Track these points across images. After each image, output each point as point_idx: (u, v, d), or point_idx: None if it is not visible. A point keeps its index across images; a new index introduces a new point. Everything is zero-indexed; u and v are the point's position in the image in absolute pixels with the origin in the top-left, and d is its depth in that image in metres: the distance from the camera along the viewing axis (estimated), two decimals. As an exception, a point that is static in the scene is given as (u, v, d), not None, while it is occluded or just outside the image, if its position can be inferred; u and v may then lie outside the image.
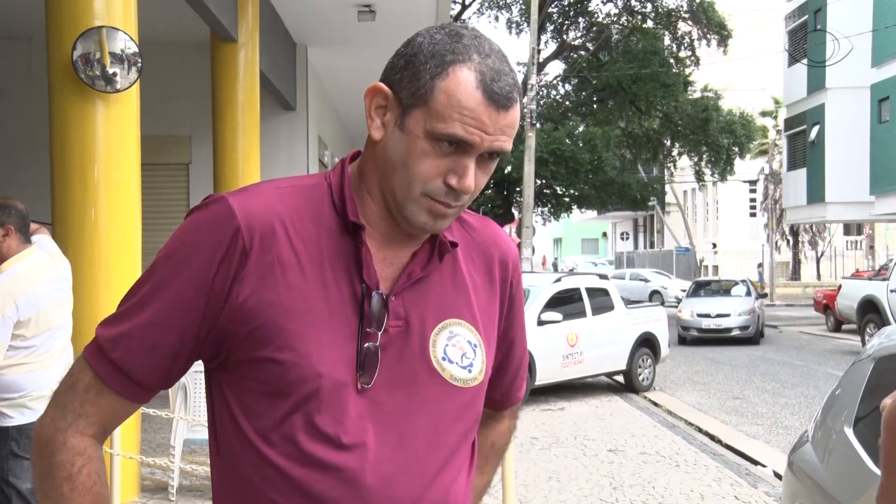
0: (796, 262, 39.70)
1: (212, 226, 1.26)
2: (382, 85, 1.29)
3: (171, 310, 1.26)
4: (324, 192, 1.33)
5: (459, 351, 1.33)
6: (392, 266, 1.32)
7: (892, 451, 0.87)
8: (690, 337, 19.31)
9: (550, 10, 28.27)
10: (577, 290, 11.72)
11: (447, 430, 1.31)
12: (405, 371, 1.29)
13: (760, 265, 35.87)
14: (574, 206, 30.96)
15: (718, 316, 19.07)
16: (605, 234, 67.15)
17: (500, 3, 30.26)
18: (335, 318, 1.26)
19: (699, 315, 19.17)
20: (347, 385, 1.25)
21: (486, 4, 30.30)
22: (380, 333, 1.28)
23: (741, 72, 41.75)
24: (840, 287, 19.28)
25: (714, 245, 42.09)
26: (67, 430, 1.27)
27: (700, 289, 20.95)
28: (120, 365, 1.27)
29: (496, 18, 31.11)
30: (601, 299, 12.00)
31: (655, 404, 11.35)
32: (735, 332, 18.90)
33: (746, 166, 36.15)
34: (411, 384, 1.29)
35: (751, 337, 19.02)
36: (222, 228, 1.25)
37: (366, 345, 1.27)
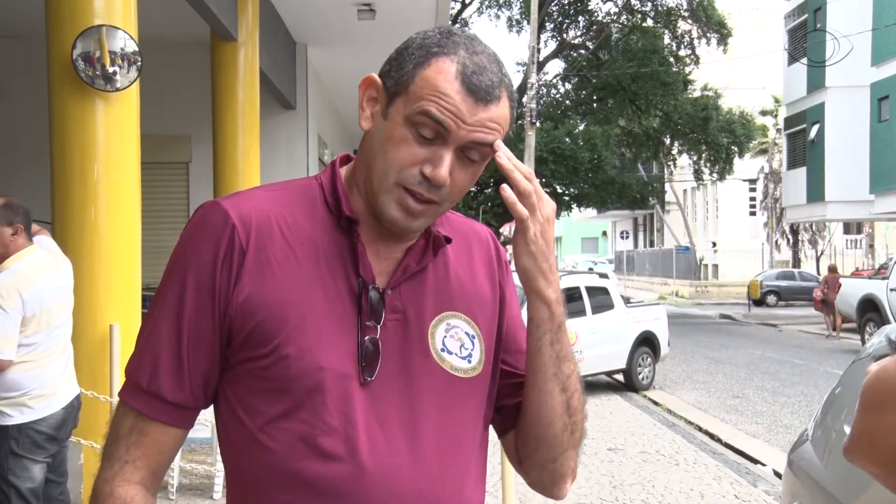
0: (796, 260, 39.65)
1: (208, 231, 1.27)
2: (375, 76, 1.30)
3: (189, 323, 1.26)
4: (315, 191, 1.33)
5: (458, 342, 1.33)
6: (386, 261, 1.32)
7: (868, 416, 0.92)
8: None
9: (550, 8, 28.24)
10: (577, 288, 11.70)
11: (451, 421, 1.30)
12: (406, 364, 1.29)
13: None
14: (574, 205, 30.95)
15: None
16: (604, 233, 67.15)
17: (501, 2, 30.25)
18: (334, 313, 1.26)
19: None
20: (351, 378, 1.25)
21: (486, 3, 30.30)
22: (378, 327, 1.28)
23: (741, 71, 41.71)
24: (840, 286, 19.26)
25: (714, 244, 42.03)
26: (114, 480, 1.27)
27: None
28: (156, 392, 1.27)
29: (496, 17, 31.06)
30: (601, 298, 11.99)
31: (655, 403, 11.35)
32: None
33: (746, 165, 36.10)
34: (412, 376, 1.29)
35: None
36: (218, 231, 1.26)
37: (366, 338, 1.27)
